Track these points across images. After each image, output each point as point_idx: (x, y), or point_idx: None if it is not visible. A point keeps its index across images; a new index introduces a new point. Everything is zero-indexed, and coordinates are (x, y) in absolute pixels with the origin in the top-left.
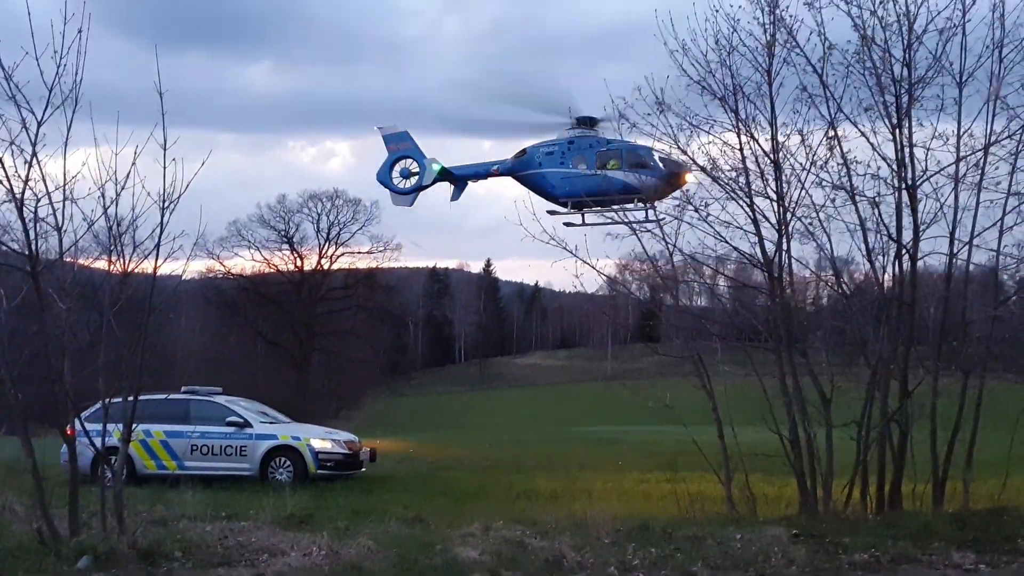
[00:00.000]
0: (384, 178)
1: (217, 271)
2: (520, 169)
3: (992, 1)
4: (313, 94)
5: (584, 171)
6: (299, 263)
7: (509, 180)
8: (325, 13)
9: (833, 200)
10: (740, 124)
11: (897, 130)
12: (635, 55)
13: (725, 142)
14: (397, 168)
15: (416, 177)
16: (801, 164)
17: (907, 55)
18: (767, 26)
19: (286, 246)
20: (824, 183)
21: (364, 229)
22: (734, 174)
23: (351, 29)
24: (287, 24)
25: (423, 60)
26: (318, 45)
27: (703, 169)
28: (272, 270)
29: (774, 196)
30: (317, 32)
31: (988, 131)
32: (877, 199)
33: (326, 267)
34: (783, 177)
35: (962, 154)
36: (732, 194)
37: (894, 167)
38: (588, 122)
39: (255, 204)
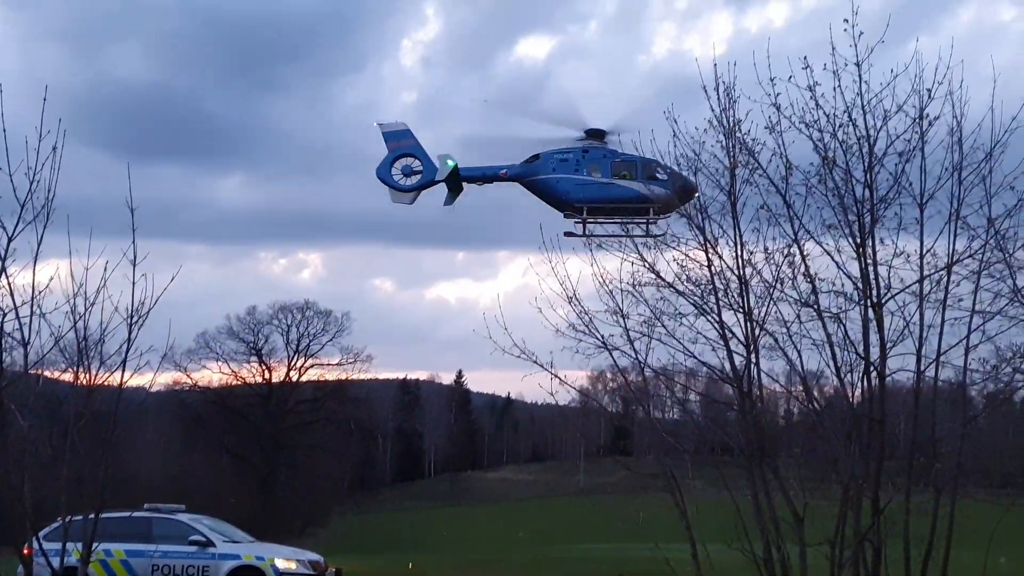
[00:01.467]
0: (384, 174)
1: (184, 384)
2: (531, 174)
3: (950, 125)
4: (285, 206)
5: (599, 179)
6: (267, 375)
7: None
8: (299, 127)
9: (800, 316)
10: (707, 242)
11: (861, 248)
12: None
13: (693, 258)
14: (398, 165)
15: (418, 176)
16: (768, 281)
17: (868, 176)
18: (729, 149)
19: (254, 358)
20: (791, 300)
21: (334, 341)
22: (702, 290)
23: (325, 142)
24: (261, 138)
25: None
26: (291, 158)
27: (671, 285)
28: (239, 382)
29: (742, 312)
30: (291, 145)
31: (950, 250)
32: (843, 316)
33: (295, 379)
34: (750, 293)
35: (926, 272)
36: (701, 309)
37: (859, 285)
38: (597, 134)
39: (224, 316)
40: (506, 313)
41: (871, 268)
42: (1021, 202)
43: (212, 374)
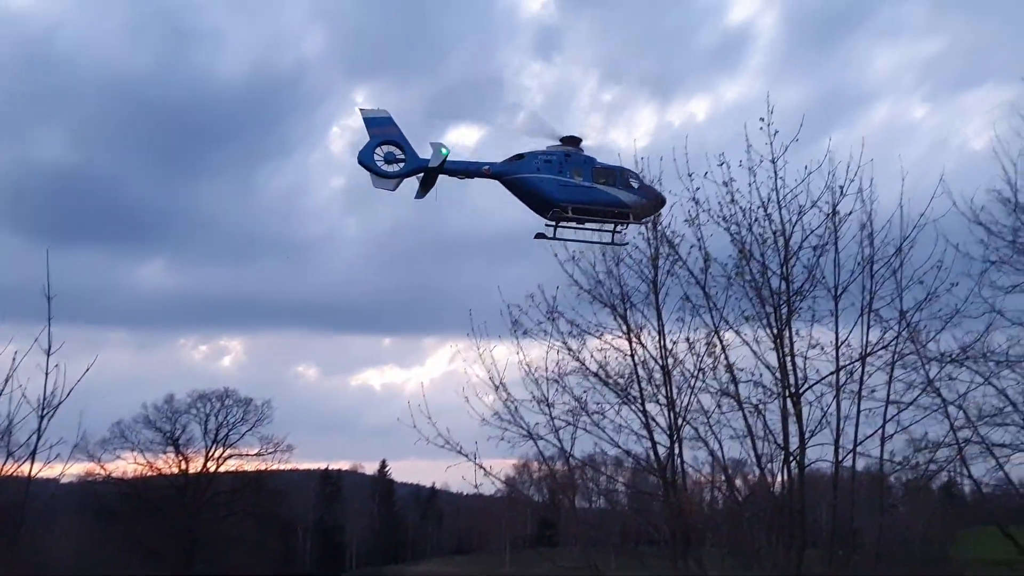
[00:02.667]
0: (367, 158)
1: (97, 475)
2: (515, 172)
3: (861, 221)
4: (208, 291)
5: (581, 182)
6: (184, 466)
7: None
8: (224, 212)
9: (720, 406)
10: (630, 331)
11: (778, 340)
12: (533, 257)
13: (616, 348)
14: (380, 151)
15: (401, 164)
16: (689, 370)
17: (784, 269)
18: (651, 240)
19: (171, 448)
20: (712, 389)
21: (254, 430)
22: (626, 380)
23: (250, 229)
24: (184, 222)
25: (322, 259)
26: (215, 243)
27: (595, 375)
28: (155, 473)
29: (665, 401)
30: (215, 230)
31: (864, 342)
32: (762, 406)
33: (212, 470)
34: (672, 383)
35: (841, 364)
36: (625, 399)
37: (777, 375)
38: (573, 140)
39: (141, 404)
40: (433, 400)
41: (789, 359)
42: (930, 296)
43: (127, 465)
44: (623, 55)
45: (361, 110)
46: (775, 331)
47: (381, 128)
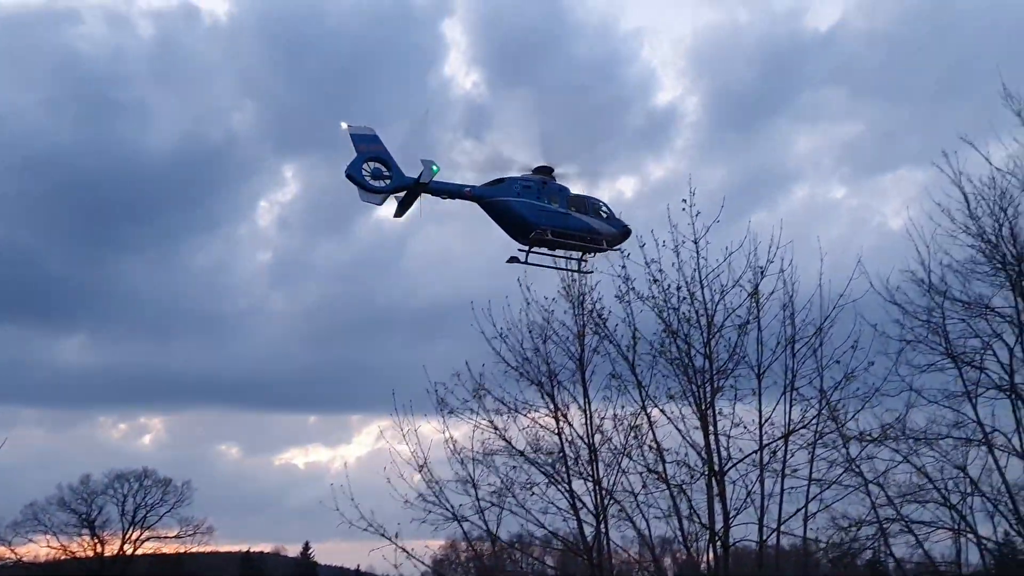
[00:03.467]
0: (356, 172)
1: (7, 559)
2: (495, 195)
3: (782, 301)
4: (128, 368)
5: (557, 208)
6: (99, 549)
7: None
8: (147, 287)
9: (647, 485)
10: (557, 409)
11: (704, 418)
12: (460, 333)
13: (543, 426)
14: (368, 167)
15: (387, 180)
16: (616, 448)
17: (707, 347)
18: (579, 316)
19: (86, 531)
20: (639, 468)
21: (173, 511)
22: (553, 458)
23: (172, 304)
24: (105, 298)
25: (247, 335)
26: (138, 319)
27: (521, 453)
28: (69, 557)
29: (591, 480)
30: (137, 305)
31: (786, 420)
32: (687, 486)
33: (129, 553)
34: (599, 461)
35: (764, 442)
36: (551, 478)
37: (702, 454)
38: (546, 170)
39: (56, 485)
40: (359, 480)
41: (713, 437)
42: (849, 375)
43: (39, 548)
44: (553, 134)
45: (348, 126)
46: (700, 409)
47: (367, 145)
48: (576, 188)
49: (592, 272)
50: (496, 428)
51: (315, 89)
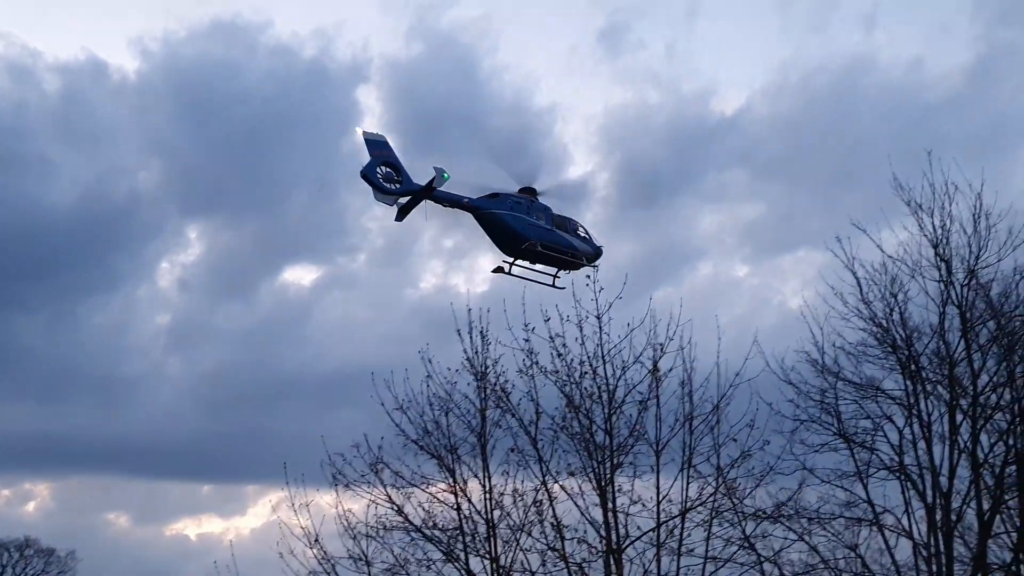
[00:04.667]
0: (371, 173)
1: None
2: (492, 208)
3: (681, 378)
4: (15, 432)
5: (544, 224)
6: None
7: None
8: (39, 349)
9: (545, 563)
10: (455, 484)
11: (603, 494)
12: (363, 404)
13: (441, 501)
14: (381, 171)
15: (398, 184)
16: (515, 524)
17: (609, 423)
18: (481, 390)
19: None
20: (537, 544)
21: None
22: (450, 535)
23: (66, 366)
24: None
25: (141, 399)
26: (27, 381)
27: (418, 529)
28: None
29: (489, 558)
30: (27, 366)
31: (684, 498)
32: (586, 563)
33: None
34: (498, 537)
35: (662, 519)
36: (448, 555)
37: (601, 531)
38: (531, 190)
39: None
40: (253, 552)
41: (612, 514)
42: (745, 453)
43: None
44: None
45: (363, 132)
46: (600, 485)
47: (380, 150)
48: (491, 257)
49: (564, 288)
50: (393, 503)
51: (224, 150)
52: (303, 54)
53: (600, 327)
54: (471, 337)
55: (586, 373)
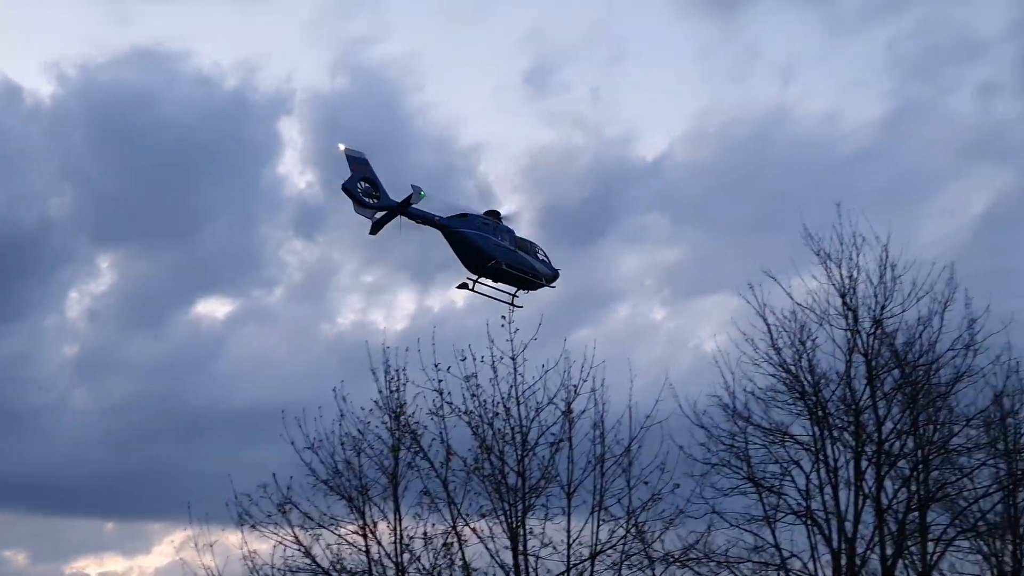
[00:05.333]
0: (352, 187)
1: None
2: (460, 226)
3: (593, 420)
4: None
5: (508, 245)
6: None
7: None
8: None
9: None
10: (365, 525)
11: (514, 537)
12: (274, 441)
13: (350, 543)
14: (361, 185)
15: (376, 199)
16: (425, 568)
17: (521, 465)
18: (394, 431)
19: None
20: None
21: None
22: None
23: None
24: None
25: (44, 432)
26: None
27: (326, 572)
28: None
29: None
30: None
31: (594, 541)
32: None
33: None
34: None
35: (572, 562)
36: None
37: (511, 574)
38: (495, 213)
39: None
40: None
41: (523, 557)
42: (655, 496)
43: None
44: (386, 239)
45: (345, 148)
46: (511, 528)
47: (360, 167)
48: (411, 293)
49: (522, 307)
50: (300, 544)
51: (140, 178)
52: (225, 84)
53: (515, 368)
54: (385, 376)
55: (498, 414)
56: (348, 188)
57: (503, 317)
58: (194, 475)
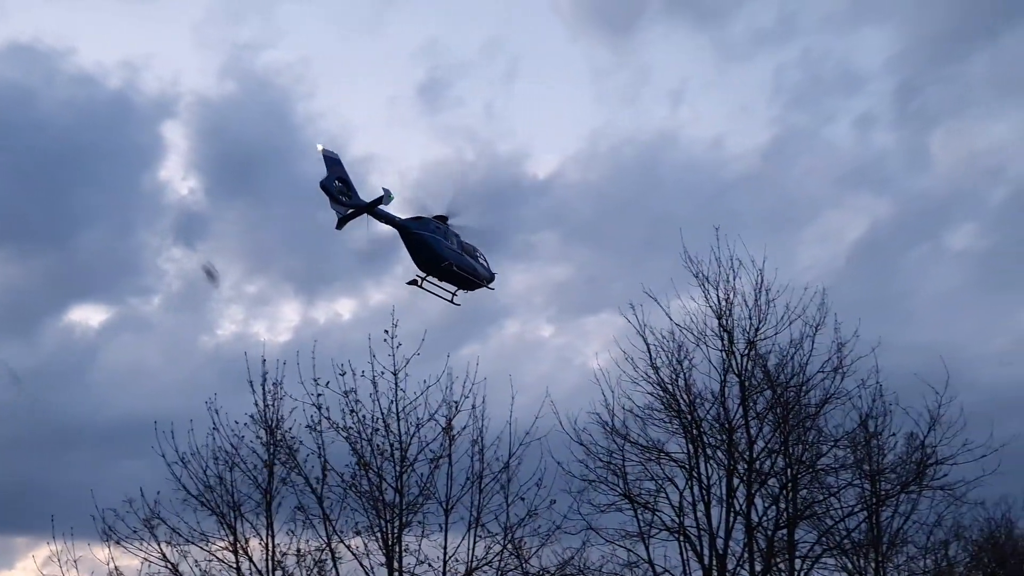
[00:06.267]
0: (330, 185)
1: None
2: (416, 228)
3: (472, 436)
4: None
5: (457, 248)
6: None
7: None
8: None
9: None
10: (236, 542)
11: (389, 554)
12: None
13: (220, 560)
14: (336, 184)
15: (348, 197)
16: None
17: (400, 481)
18: (269, 445)
19: None
20: None
21: None
22: None
23: None
24: None
25: None
26: None
27: None
28: None
29: None
30: None
31: (470, 557)
32: None
33: None
34: None
35: None
36: None
37: None
38: (443, 218)
39: None
40: None
41: (398, 575)
42: (532, 512)
43: None
44: (270, 249)
45: (323, 148)
46: (387, 545)
47: (335, 167)
48: (293, 305)
49: (460, 305)
50: (167, 561)
51: (14, 179)
52: (107, 84)
53: (396, 383)
54: (263, 389)
55: (378, 430)
56: (326, 186)
57: (386, 332)
58: (62, 488)
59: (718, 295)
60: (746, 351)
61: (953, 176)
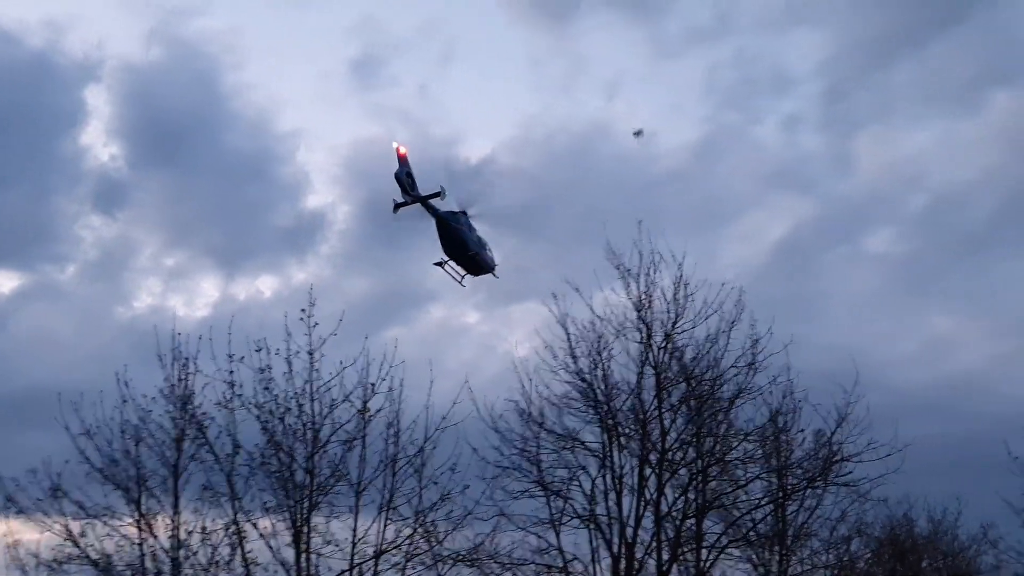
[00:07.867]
0: (402, 176)
1: None
2: (454, 222)
3: (388, 419)
4: None
5: (479, 241)
6: None
7: None
8: None
9: None
10: (142, 518)
11: (297, 534)
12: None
13: (125, 535)
14: (407, 178)
15: (413, 189)
16: (203, 564)
17: (310, 462)
18: (178, 420)
19: None
20: None
21: None
22: (133, 571)
23: None
24: None
25: None
26: None
27: (95, 564)
28: None
29: None
30: None
31: (380, 539)
32: None
33: None
34: None
35: (356, 560)
36: None
37: (291, 572)
38: (464, 213)
39: None
40: None
41: (305, 556)
42: (444, 496)
43: None
44: (192, 221)
45: (397, 145)
46: (295, 525)
47: (404, 162)
48: (213, 279)
49: (466, 287)
50: (70, 534)
51: None
52: (28, 43)
53: (311, 363)
54: (174, 363)
55: (290, 409)
56: (400, 177)
57: (303, 311)
58: None
59: (638, 288)
60: (663, 344)
61: (875, 181)
